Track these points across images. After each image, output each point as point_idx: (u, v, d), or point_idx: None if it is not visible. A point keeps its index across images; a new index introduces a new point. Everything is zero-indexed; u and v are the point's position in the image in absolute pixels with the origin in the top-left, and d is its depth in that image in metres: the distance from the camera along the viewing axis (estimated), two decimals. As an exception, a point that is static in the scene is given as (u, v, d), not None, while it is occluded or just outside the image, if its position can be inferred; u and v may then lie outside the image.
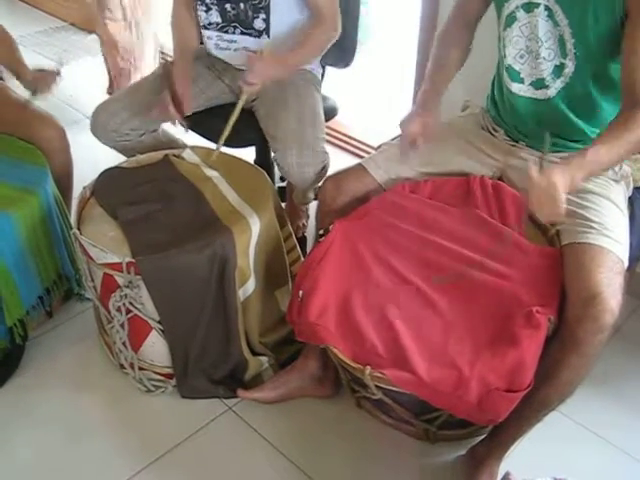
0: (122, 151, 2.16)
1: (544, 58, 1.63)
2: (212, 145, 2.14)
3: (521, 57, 1.68)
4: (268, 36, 2.03)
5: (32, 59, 2.17)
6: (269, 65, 1.92)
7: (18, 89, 2.12)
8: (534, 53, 1.65)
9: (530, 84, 1.69)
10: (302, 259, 2.06)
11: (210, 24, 2.09)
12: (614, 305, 1.40)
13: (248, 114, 2.11)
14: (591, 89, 1.64)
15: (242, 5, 2.01)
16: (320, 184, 1.90)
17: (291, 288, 1.94)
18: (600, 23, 1.53)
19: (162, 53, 3.42)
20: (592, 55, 1.58)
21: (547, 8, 1.59)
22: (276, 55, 1.96)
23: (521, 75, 1.70)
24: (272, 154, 2.06)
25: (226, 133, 1.98)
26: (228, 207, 1.89)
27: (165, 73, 2.13)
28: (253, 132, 2.11)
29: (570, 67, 1.61)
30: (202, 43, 2.20)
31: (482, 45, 1.82)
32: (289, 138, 1.97)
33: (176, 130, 2.22)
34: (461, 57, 1.81)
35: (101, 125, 2.10)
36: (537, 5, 1.60)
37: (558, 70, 1.63)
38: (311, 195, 2.18)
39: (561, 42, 1.60)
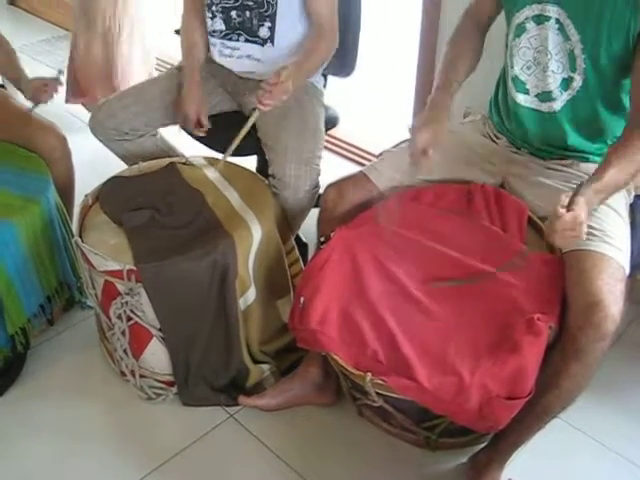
0: (119, 152, 2.16)
1: (552, 71, 1.62)
2: (211, 152, 2.14)
3: (528, 68, 1.67)
4: (272, 44, 2.04)
5: (34, 68, 2.18)
6: (286, 88, 1.90)
7: (20, 97, 2.13)
8: (542, 65, 1.64)
9: (535, 96, 1.69)
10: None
11: (214, 31, 2.10)
12: (615, 312, 1.40)
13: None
14: (598, 107, 1.63)
15: (248, 13, 2.02)
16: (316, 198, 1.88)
17: (292, 299, 1.94)
18: (613, 44, 1.52)
19: (159, 59, 3.38)
20: (602, 73, 1.58)
21: (558, 22, 1.58)
22: (293, 78, 1.92)
23: (527, 86, 1.69)
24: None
25: (233, 147, 1.98)
26: (231, 213, 1.89)
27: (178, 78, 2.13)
28: (255, 141, 2.11)
29: (578, 81, 1.60)
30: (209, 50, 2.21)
31: (484, 52, 1.82)
32: (288, 152, 1.96)
33: (174, 136, 2.24)
34: (472, 60, 1.78)
35: (100, 122, 2.10)
36: (548, 18, 1.59)
37: (566, 83, 1.63)
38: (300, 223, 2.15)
39: (571, 57, 1.59)
